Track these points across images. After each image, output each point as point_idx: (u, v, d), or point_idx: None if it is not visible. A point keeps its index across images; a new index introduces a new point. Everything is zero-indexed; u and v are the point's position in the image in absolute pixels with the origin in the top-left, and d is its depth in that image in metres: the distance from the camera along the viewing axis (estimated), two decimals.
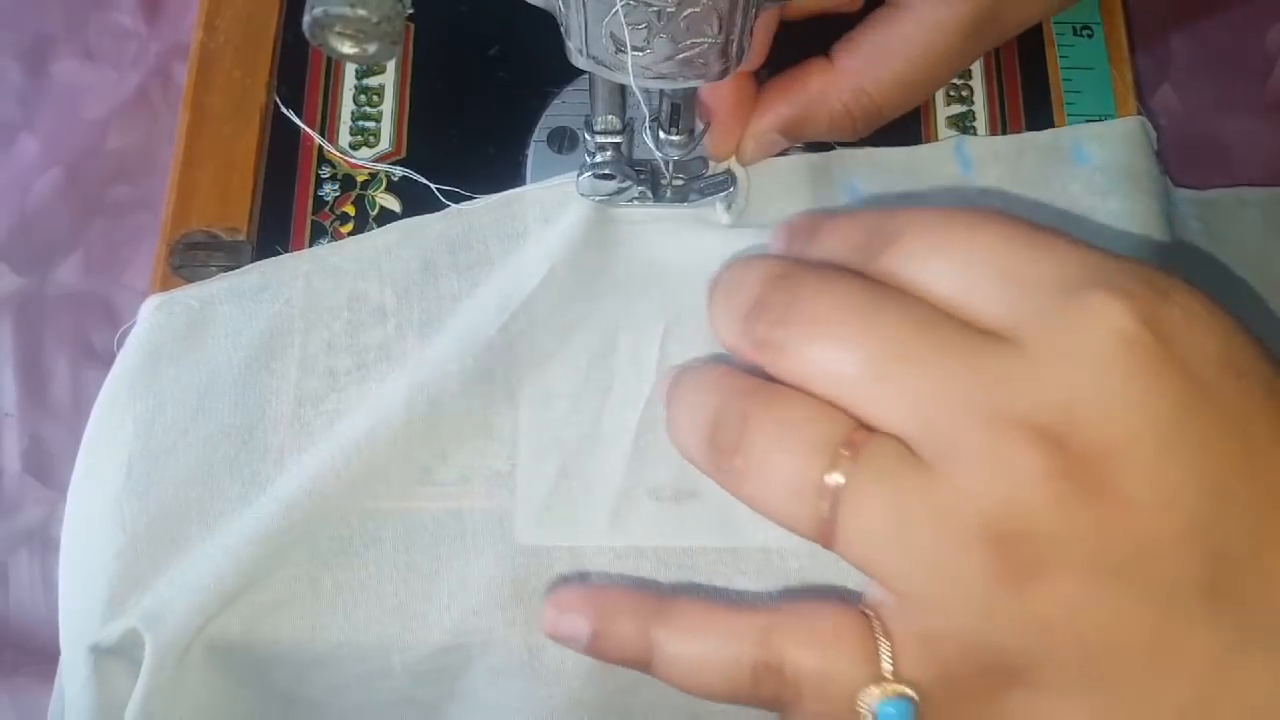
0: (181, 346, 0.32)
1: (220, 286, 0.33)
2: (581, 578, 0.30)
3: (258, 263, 0.33)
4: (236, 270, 0.33)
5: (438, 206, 0.34)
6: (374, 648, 0.30)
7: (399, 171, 0.35)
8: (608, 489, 0.30)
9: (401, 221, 0.34)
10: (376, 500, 0.30)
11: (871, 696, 0.23)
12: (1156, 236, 0.34)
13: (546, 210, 0.34)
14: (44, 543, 0.38)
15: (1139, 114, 0.36)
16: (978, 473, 0.21)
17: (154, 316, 0.32)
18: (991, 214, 0.24)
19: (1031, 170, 0.35)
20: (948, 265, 0.23)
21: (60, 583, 0.31)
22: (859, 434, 0.23)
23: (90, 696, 0.29)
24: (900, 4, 0.32)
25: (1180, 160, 0.39)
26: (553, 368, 0.32)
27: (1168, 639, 0.21)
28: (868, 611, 0.24)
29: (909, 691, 0.22)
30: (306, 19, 0.23)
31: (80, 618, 0.30)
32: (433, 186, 0.34)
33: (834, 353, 0.23)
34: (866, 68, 0.33)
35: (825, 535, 0.23)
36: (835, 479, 0.22)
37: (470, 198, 0.34)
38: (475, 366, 0.31)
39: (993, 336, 0.22)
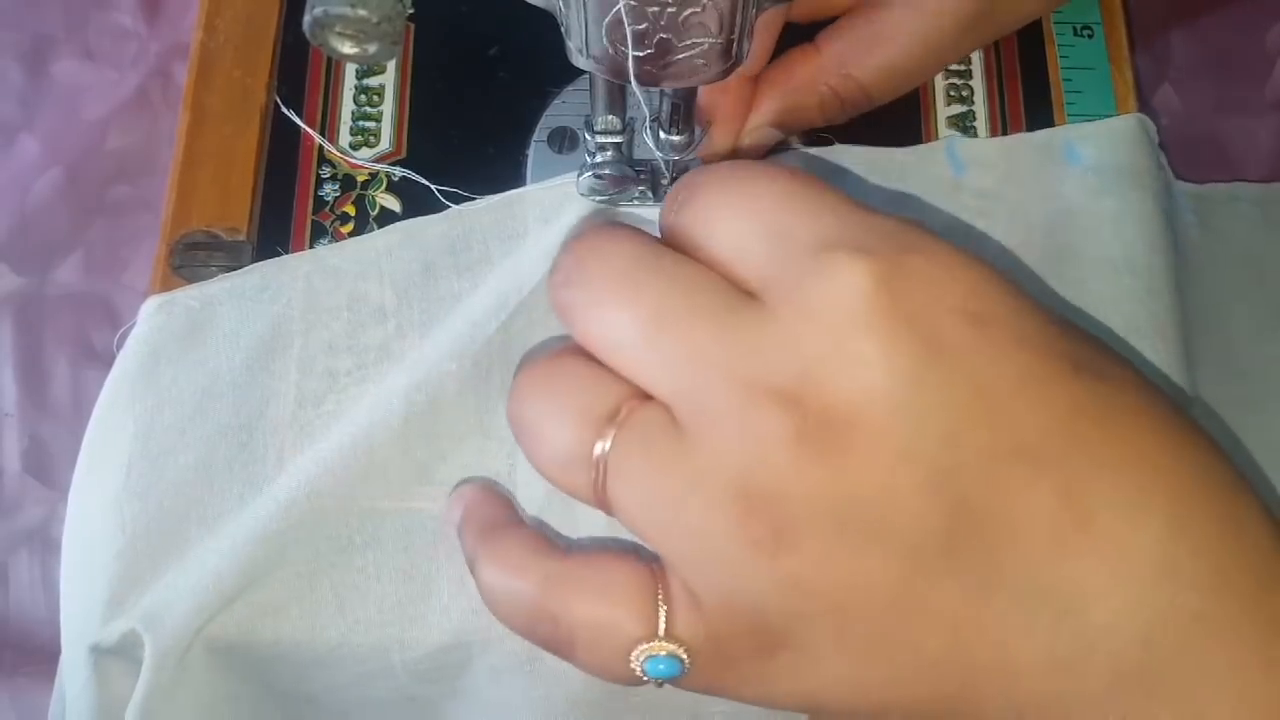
0: (182, 347, 0.32)
1: (221, 287, 0.33)
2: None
3: (258, 263, 0.33)
4: (237, 271, 0.33)
5: (438, 206, 0.34)
6: (374, 647, 0.30)
7: (399, 172, 0.35)
8: None
9: (402, 223, 0.34)
10: (375, 500, 0.30)
11: (642, 653, 0.23)
12: (1155, 235, 0.34)
13: (546, 211, 0.34)
14: (44, 543, 0.38)
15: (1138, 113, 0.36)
16: (726, 438, 0.22)
17: (154, 317, 0.32)
18: (775, 170, 0.24)
19: (1023, 171, 0.35)
20: (725, 223, 0.24)
21: (61, 583, 0.31)
22: (630, 403, 0.23)
23: (90, 697, 0.29)
24: None
25: (1180, 160, 0.39)
26: None
27: (914, 591, 0.22)
28: (655, 569, 0.24)
29: (679, 651, 0.23)
30: (307, 19, 0.23)
31: (80, 618, 0.30)
32: (433, 187, 0.34)
33: (605, 319, 0.23)
34: (853, 53, 0.33)
35: (601, 503, 0.24)
36: (602, 448, 0.23)
37: (471, 198, 0.34)
38: (473, 366, 0.31)
39: (749, 299, 0.23)
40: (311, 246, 0.34)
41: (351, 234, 0.34)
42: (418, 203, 0.35)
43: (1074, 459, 0.21)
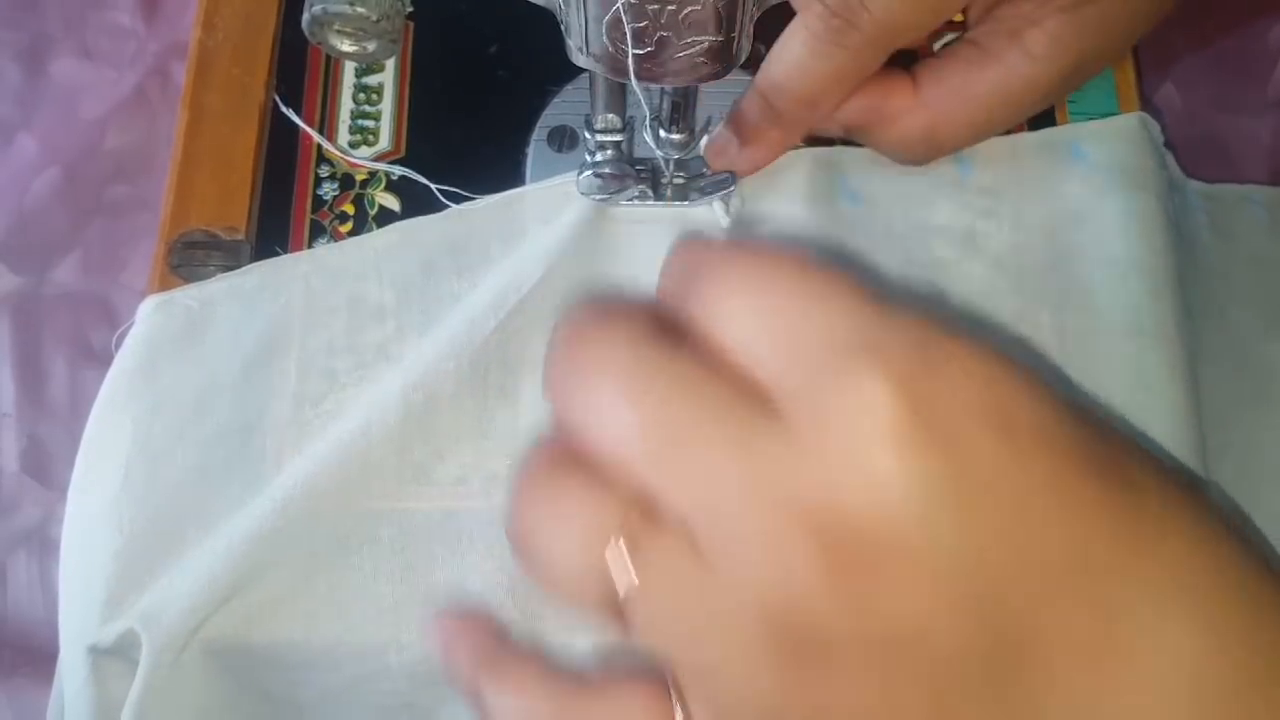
0: (180, 347, 0.32)
1: (219, 287, 0.33)
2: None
3: (257, 263, 0.33)
4: (236, 271, 0.33)
5: (438, 206, 0.34)
6: (370, 648, 0.29)
7: (398, 171, 0.35)
8: None
9: (401, 223, 0.34)
10: (372, 500, 0.30)
11: None
12: (1157, 235, 0.34)
13: (546, 211, 0.34)
14: (42, 543, 0.38)
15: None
16: (751, 565, 0.21)
17: (153, 317, 0.32)
18: (791, 261, 0.23)
19: (1029, 169, 0.35)
20: (737, 319, 0.22)
21: (60, 583, 0.31)
22: (639, 523, 0.22)
23: (89, 696, 0.29)
24: (988, 48, 0.32)
25: (1182, 159, 0.39)
26: None
27: (947, 718, 0.21)
28: (671, 692, 0.23)
29: None
30: (306, 17, 0.23)
31: (79, 618, 0.30)
32: (432, 186, 0.34)
33: (608, 424, 0.22)
34: (945, 105, 0.32)
35: (616, 621, 0.22)
36: (621, 573, 0.22)
37: (470, 198, 0.34)
38: (470, 366, 0.31)
39: (764, 409, 0.21)
40: (310, 246, 0.34)
41: (350, 233, 0.34)
42: (417, 202, 0.35)
43: (1106, 577, 0.21)
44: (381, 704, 0.30)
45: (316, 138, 0.35)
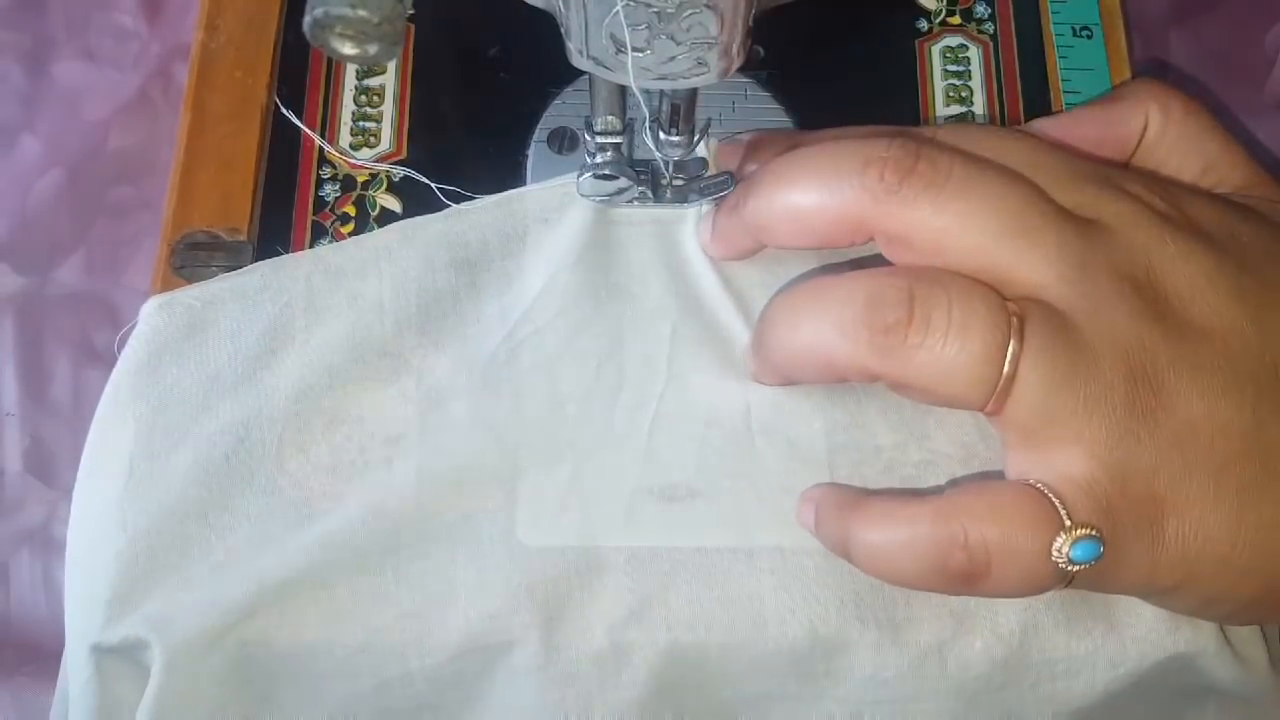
0: (182, 346, 0.32)
1: (221, 287, 0.33)
2: (598, 574, 0.30)
3: (258, 263, 0.33)
4: (238, 270, 0.33)
5: (439, 206, 0.34)
6: (392, 654, 0.29)
7: (400, 171, 0.35)
8: (620, 490, 0.30)
9: (401, 222, 0.34)
10: (387, 504, 0.30)
11: (1063, 544, 0.25)
12: None
13: (546, 210, 0.34)
14: (45, 543, 0.38)
15: None
16: (1106, 321, 0.26)
17: (155, 317, 0.32)
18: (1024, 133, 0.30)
19: None
20: (1010, 160, 0.28)
21: (64, 582, 0.31)
22: (1013, 301, 0.26)
23: (93, 696, 0.29)
24: None
25: None
26: (560, 372, 0.31)
27: (1267, 435, 0.26)
28: (1025, 480, 0.26)
29: (1093, 532, 0.25)
30: (307, 20, 0.23)
31: (83, 617, 0.30)
32: (434, 186, 0.35)
33: (970, 226, 0.26)
34: None
35: (999, 401, 0.26)
36: (1014, 345, 0.25)
37: (471, 197, 0.34)
38: (482, 378, 0.31)
39: (1072, 213, 0.27)
40: (312, 247, 0.34)
41: (352, 234, 0.34)
42: (418, 203, 0.35)
43: None
44: (398, 709, 0.30)
45: (318, 140, 0.36)
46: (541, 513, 0.30)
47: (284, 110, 0.36)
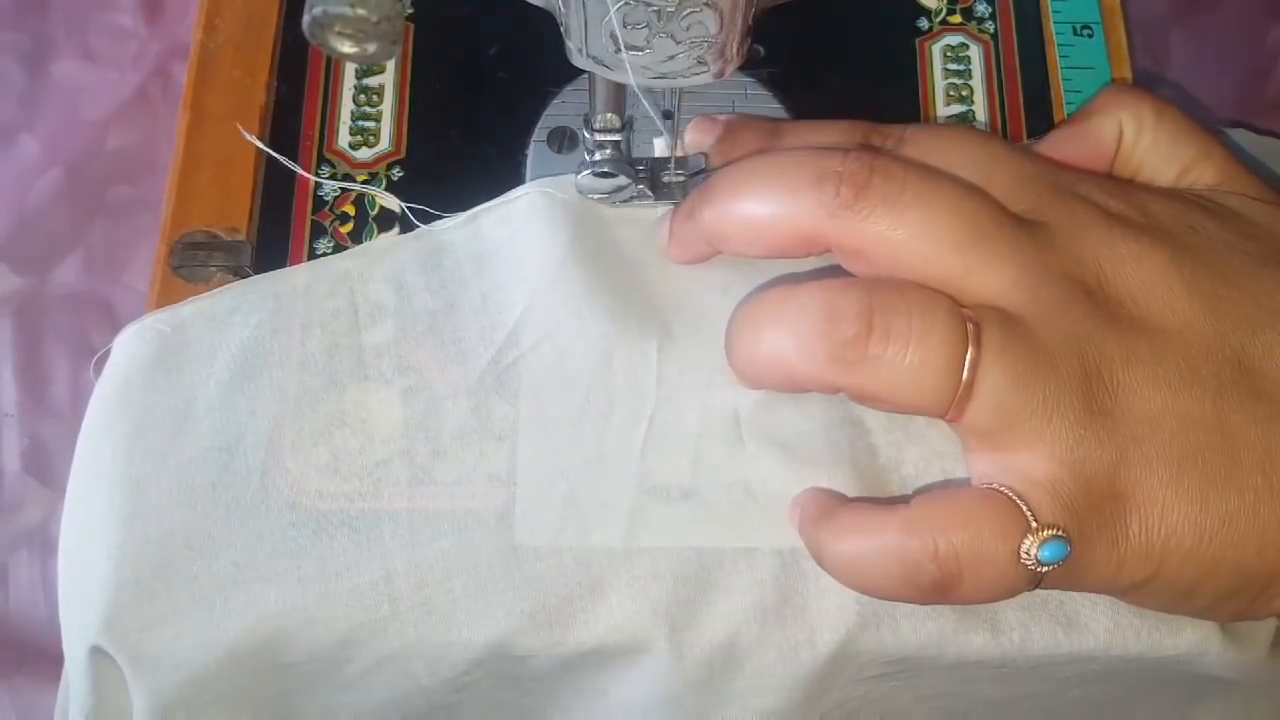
0: (153, 373, 0.31)
1: (190, 310, 0.32)
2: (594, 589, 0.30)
3: (226, 286, 0.33)
4: (205, 294, 0.33)
5: (439, 207, 0.34)
6: (399, 671, 0.29)
7: (376, 190, 0.35)
8: (616, 510, 0.30)
9: (369, 243, 0.34)
10: (381, 502, 0.30)
11: (1031, 546, 0.25)
12: None
13: (513, 225, 0.33)
14: (44, 543, 0.38)
15: None
16: (1060, 324, 0.26)
17: (127, 344, 0.32)
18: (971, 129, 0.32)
19: None
20: (965, 166, 0.29)
21: (59, 594, 0.31)
22: (969, 309, 0.26)
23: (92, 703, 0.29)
24: None
25: None
26: (549, 396, 0.31)
27: (1229, 426, 0.26)
28: (989, 485, 0.26)
29: (1060, 532, 0.25)
30: (306, 19, 0.23)
31: (78, 640, 0.29)
32: (402, 206, 0.34)
33: (925, 238, 0.27)
34: None
35: (959, 407, 0.26)
36: (972, 352, 0.26)
37: (439, 216, 0.34)
38: (468, 403, 0.31)
39: (1018, 219, 0.27)
40: (311, 246, 0.34)
41: (351, 234, 0.34)
42: (417, 202, 0.34)
43: None
44: (411, 713, 0.30)
45: (317, 140, 0.36)
46: (540, 524, 0.30)
47: (283, 110, 0.36)
